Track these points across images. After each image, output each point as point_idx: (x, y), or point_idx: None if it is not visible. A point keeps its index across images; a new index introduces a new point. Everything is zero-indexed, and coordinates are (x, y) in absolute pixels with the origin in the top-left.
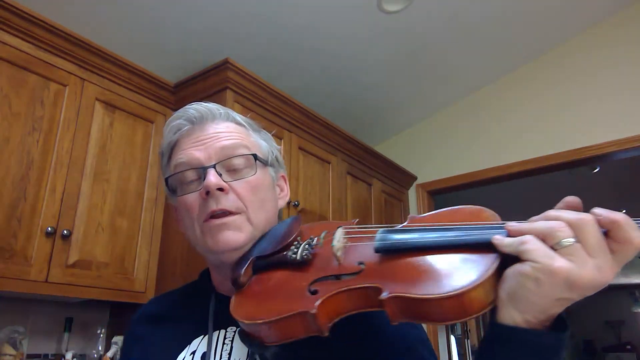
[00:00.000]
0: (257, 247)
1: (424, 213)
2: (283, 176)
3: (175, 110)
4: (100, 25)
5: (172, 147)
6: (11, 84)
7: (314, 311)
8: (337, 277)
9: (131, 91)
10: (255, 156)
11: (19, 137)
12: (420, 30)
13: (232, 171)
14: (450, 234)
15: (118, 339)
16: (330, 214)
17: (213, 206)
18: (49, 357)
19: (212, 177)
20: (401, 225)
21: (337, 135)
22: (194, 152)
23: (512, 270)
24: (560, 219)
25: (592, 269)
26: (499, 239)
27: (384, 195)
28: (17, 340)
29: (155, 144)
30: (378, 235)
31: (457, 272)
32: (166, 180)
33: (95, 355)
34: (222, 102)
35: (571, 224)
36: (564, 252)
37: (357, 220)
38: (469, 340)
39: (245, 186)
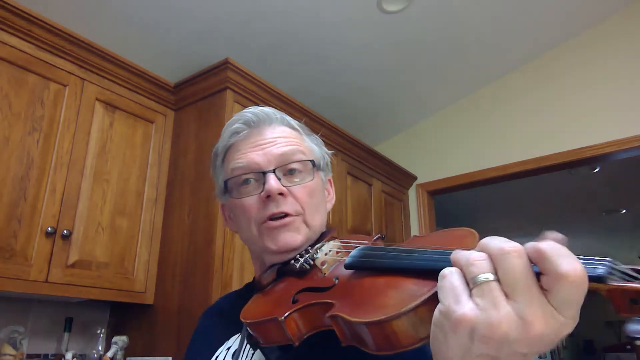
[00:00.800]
0: None
1: (423, 213)
2: (330, 180)
3: (176, 110)
4: (100, 25)
5: (227, 149)
6: (11, 84)
7: (281, 319)
8: (318, 289)
9: (131, 91)
10: (312, 162)
11: (19, 137)
12: (420, 30)
13: (289, 175)
14: (409, 258)
15: (118, 339)
16: (330, 213)
17: (273, 209)
18: (49, 357)
19: (274, 182)
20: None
21: (337, 135)
22: (253, 156)
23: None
24: (485, 249)
25: (509, 317)
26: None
27: (384, 195)
28: (17, 340)
29: (155, 144)
30: (353, 252)
31: (393, 298)
32: (225, 182)
33: (95, 355)
34: (222, 102)
35: (493, 256)
36: (476, 292)
37: (379, 235)
38: None
39: (303, 191)
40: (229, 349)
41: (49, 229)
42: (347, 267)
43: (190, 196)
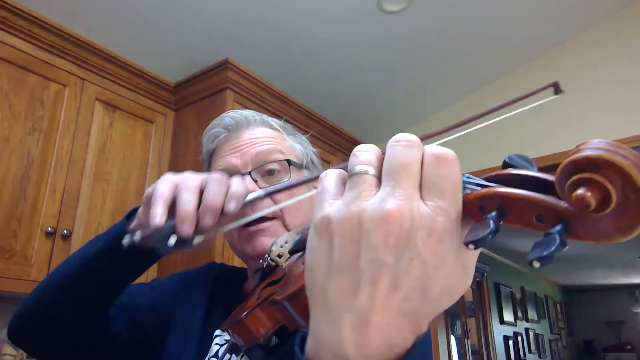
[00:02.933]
0: None
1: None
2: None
3: (176, 110)
4: (100, 25)
5: (211, 155)
6: (11, 84)
7: (241, 317)
8: (275, 282)
9: (131, 91)
10: (289, 161)
11: (19, 137)
12: (420, 30)
13: (267, 176)
14: None
15: None
16: None
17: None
18: None
19: (249, 185)
20: None
21: (337, 135)
22: (231, 159)
23: None
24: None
25: (368, 206)
26: None
27: None
28: None
29: (155, 144)
30: (296, 237)
31: None
32: None
33: None
34: (222, 102)
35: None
36: (347, 186)
37: None
38: (468, 340)
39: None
40: (227, 341)
41: (49, 229)
42: (290, 252)
43: None
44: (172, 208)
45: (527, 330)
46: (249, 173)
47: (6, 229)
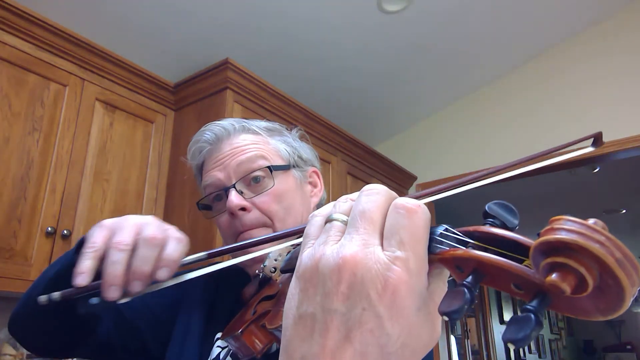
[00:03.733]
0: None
1: None
2: (315, 171)
3: (176, 110)
4: (100, 26)
5: (201, 169)
6: (11, 84)
7: (237, 333)
8: (269, 297)
9: (131, 91)
10: (270, 168)
11: (19, 137)
12: (420, 30)
13: (253, 184)
14: None
15: None
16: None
17: (239, 227)
18: None
19: (234, 198)
20: None
21: (337, 135)
22: (215, 173)
23: None
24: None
25: (328, 250)
26: None
27: None
28: None
29: (155, 144)
30: (287, 254)
31: None
32: (198, 203)
33: None
34: (222, 102)
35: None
36: (322, 233)
37: None
38: (468, 340)
39: (267, 199)
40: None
41: (49, 229)
42: (281, 271)
43: (190, 196)
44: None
45: None
46: (234, 186)
47: (6, 229)
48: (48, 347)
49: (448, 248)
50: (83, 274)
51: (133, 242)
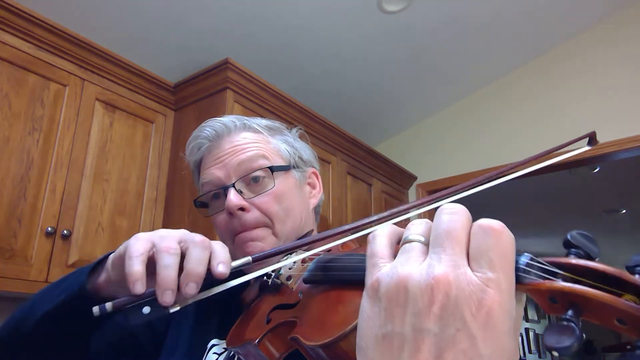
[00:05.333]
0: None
1: (423, 213)
2: (314, 172)
3: (176, 110)
4: (100, 25)
5: (199, 166)
6: (11, 84)
7: (255, 343)
8: (287, 306)
9: (131, 91)
10: (272, 168)
11: (19, 137)
12: (420, 30)
13: (253, 184)
14: (358, 269)
15: None
16: (330, 214)
17: (237, 226)
18: None
19: (233, 198)
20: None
21: (337, 135)
22: (215, 171)
23: None
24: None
25: (416, 270)
26: None
27: (384, 195)
28: None
29: (155, 144)
30: (311, 264)
31: (340, 315)
32: (195, 201)
33: None
34: (222, 102)
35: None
36: (398, 253)
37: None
38: None
39: (267, 199)
40: (225, 350)
41: (49, 229)
42: (304, 281)
43: (190, 196)
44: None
45: (527, 330)
46: (233, 185)
47: (6, 229)
48: None
49: (539, 279)
50: (139, 281)
51: (180, 246)
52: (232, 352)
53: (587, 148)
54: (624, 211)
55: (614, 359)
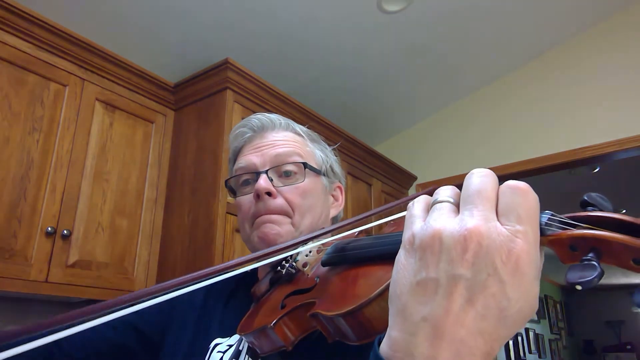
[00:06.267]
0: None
1: None
2: (339, 187)
3: (176, 110)
4: (100, 26)
5: (237, 153)
6: (11, 84)
7: (270, 325)
8: (302, 291)
9: (131, 91)
10: (305, 164)
11: (19, 137)
12: (420, 30)
13: (285, 177)
14: (376, 245)
15: None
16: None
17: (261, 209)
18: None
19: (263, 182)
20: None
21: (337, 135)
22: (252, 157)
23: None
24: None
25: (448, 223)
26: None
27: (384, 195)
28: None
29: (155, 144)
30: (328, 249)
31: (363, 287)
32: (226, 181)
33: None
34: (222, 102)
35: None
36: (430, 213)
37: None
38: None
39: (295, 191)
40: (230, 346)
41: (49, 229)
42: (323, 264)
43: (190, 196)
44: None
45: (527, 330)
46: (266, 172)
47: (6, 229)
48: None
49: (560, 230)
50: None
51: None
52: (240, 347)
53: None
54: (624, 211)
55: (613, 358)
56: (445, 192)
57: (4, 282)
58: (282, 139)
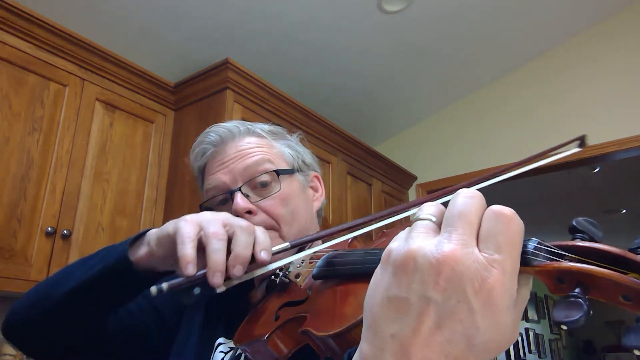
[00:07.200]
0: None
1: None
2: (316, 176)
3: (176, 110)
4: (100, 26)
5: (203, 171)
6: (11, 84)
7: (264, 339)
8: (295, 303)
9: (131, 91)
10: (277, 172)
11: (19, 137)
12: (420, 30)
13: (259, 188)
14: (366, 262)
15: None
16: (330, 214)
17: None
18: None
19: (240, 201)
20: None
21: (337, 135)
22: (220, 176)
23: None
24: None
25: (425, 244)
26: None
27: (384, 195)
28: None
29: (155, 144)
30: (319, 261)
31: (351, 306)
32: (201, 206)
33: None
34: (222, 102)
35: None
36: (410, 230)
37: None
38: None
39: (273, 202)
40: (231, 349)
41: (49, 229)
42: (314, 277)
43: (190, 196)
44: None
45: (527, 330)
46: (239, 189)
47: (6, 229)
48: (55, 350)
49: (547, 261)
50: (190, 263)
51: (227, 231)
52: (238, 351)
53: (577, 150)
54: (624, 211)
55: (613, 358)
56: (429, 210)
57: (4, 282)
58: (245, 148)
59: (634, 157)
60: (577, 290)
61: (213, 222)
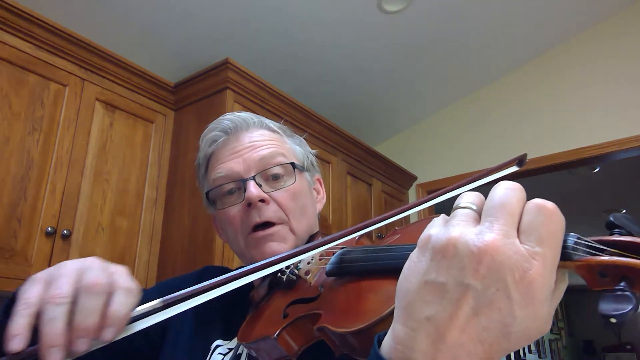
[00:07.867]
0: None
1: (423, 213)
2: (319, 179)
3: (176, 110)
4: (100, 25)
5: (209, 159)
6: (11, 84)
7: (274, 337)
8: (306, 300)
9: (131, 91)
10: (293, 164)
11: (19, 137)
12: (420, 30)
13: (271, 180)
14: (384, 258)
15: None
16: (330, 214)
17: (256, 218)
18: None
19: (254, 189)
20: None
21: (337, 135)
22: (232, 164)
23: None
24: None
25: (465, 232)
26: None
27: (384, 195)
28: None
29: (155, 144)
30: (332, 258)
31: (372, 302)
32: (206, 193)
33: None
34: (222, 102)
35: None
36: (450, 218)
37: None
38: None
39: (286, 195)
40: (230, 350)
41: (49, 229)
42: (327, 274)
43: (190, 196)
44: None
45: None
46: (253, 178)
47: (6, 229)
48: None
49: (588, 255)
50: (17, 337)
51: (73, 293)
52: (240, 351)
53: (516, 169)
54: (624, 211)
55: (614, 358)
56: (469, 198)
57: (4, 282)
58: (259, 139)
59: (634, 157)
60: (622, 284)
61: (60, 278)
